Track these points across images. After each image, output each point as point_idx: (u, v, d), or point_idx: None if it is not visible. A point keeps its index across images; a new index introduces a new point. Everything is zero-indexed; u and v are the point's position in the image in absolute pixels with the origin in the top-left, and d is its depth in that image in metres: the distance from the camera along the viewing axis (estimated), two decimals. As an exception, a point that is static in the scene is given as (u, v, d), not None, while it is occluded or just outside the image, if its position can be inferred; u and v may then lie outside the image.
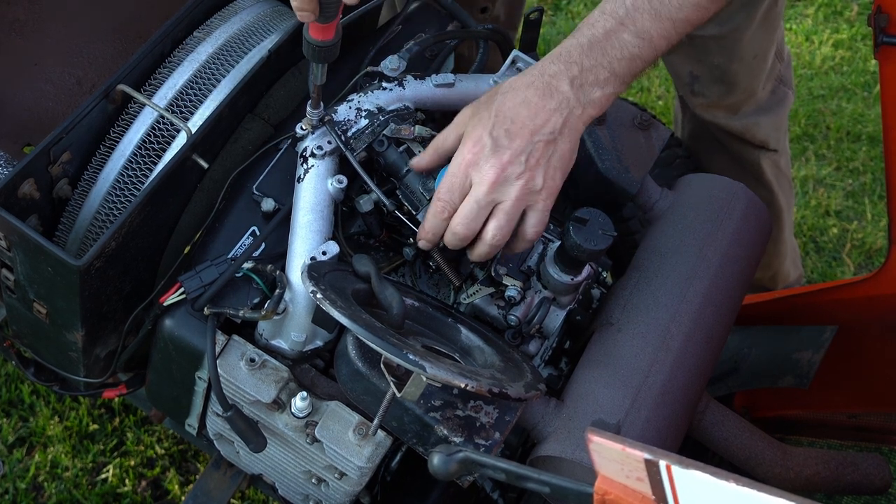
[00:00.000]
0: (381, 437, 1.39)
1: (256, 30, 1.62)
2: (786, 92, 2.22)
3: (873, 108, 3.12)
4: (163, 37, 1.55)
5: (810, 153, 3.05)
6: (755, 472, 1.64)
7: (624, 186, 1.59)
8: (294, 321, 1.41)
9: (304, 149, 1.45)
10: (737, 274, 1.55)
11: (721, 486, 0.77)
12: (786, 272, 2.49)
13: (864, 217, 2.93)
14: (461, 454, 1.06)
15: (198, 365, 1.45)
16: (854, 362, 1.87)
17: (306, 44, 1.30)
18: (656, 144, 1.64)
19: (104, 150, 1.52)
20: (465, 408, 1.33)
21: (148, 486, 2.33)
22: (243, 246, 1.45)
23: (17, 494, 2.28)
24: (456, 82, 1.55)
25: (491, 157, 1.29)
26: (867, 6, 3.36)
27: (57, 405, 2.40)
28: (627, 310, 1.48)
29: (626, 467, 0.85)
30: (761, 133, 2.20)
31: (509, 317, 1.47)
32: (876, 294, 1.75)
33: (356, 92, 1.51)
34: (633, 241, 1.76)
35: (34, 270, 1.41)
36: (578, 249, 1.38)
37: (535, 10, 1.67)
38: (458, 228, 1.33)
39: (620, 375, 1.41)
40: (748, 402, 2.07)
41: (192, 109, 1.53)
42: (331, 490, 1.49)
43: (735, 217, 1.58)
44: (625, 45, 1.31)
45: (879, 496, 1.74)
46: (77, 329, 1.46)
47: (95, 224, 1.50)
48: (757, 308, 1.98)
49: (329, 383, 1.46)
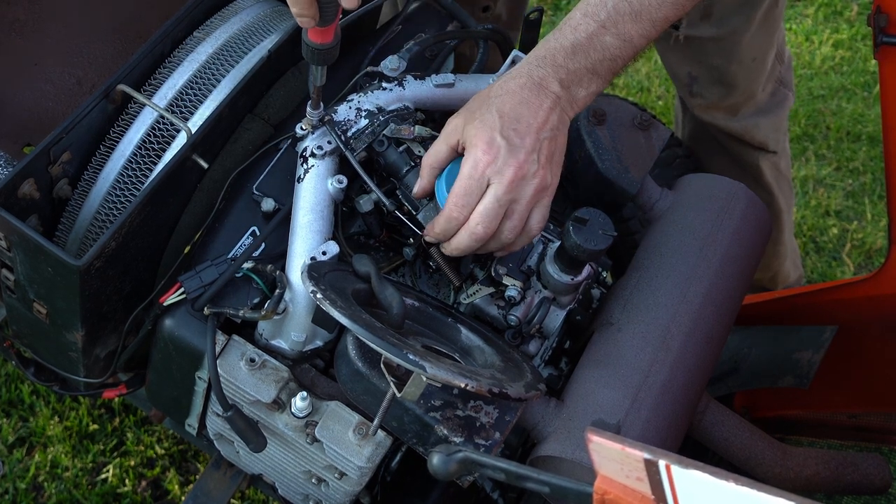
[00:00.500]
0: (381, 437, 1.39)
1: (256, 30, 1.62)
2: (786, 94, 2.22)
3: (873, 108, 3.12)
4: (163, 37, 1.56)
5: (810, 153, 3.05)
6: (755, 472, 1.64)
7: (624, 186, 1.59)
8: (294, 321, 1.41)
9: (304, 149, 1.45)
10: (737, 274, 1.56)
11: (721, 486, 0.77)
12: (786, 273, 2.49)
13: (864, 217, 2.93)
14: (461, 454, 1.06)
15: (198, 365, 1.46)
16: (854, 362, 1.87)
17: (305, 47, 1.31)
18: (656, 144, 1.64)
19: (104, 150, 1.52)
20: (465, 408, 1.33)
21: (148, 486, 2.33)
22: (243, 246, 1.45)
23: (17, 494, 2.28)
24: (456, 82, 1.55)
25: (509, 157, 1.30)
26: (867, 6, 3.36)
27: (57, 405, 2.40)
28: (627, 310, 1.48)
29: (625, 467, 0.85)
30: (761, 135, 2.20)
31: (509, 317, 1.47)
32: (876, 294, 1.76)
33: (356, 92, 1.51)
34: (633, 241, 1.76)
35: (34, 270, 1.41)
36: (578, 249, 1.38)
37: (535, 10, 1.67)
38: (479, 229, 1.33)
39: (620, 375, 1.41)
40: (748, 402, 2.07)
41: (192, 109, 1.53)
42: (331, 490, 1.49)
43: (735, 217, 1.58)
44: (606, 48, 1.34)
45: (879, 496, 1.74)
46: (77, 329, 1.46)
47: (95, 224, 1.50)
48: (757, 308, 1.98)
49: (329, 383, 1.46)
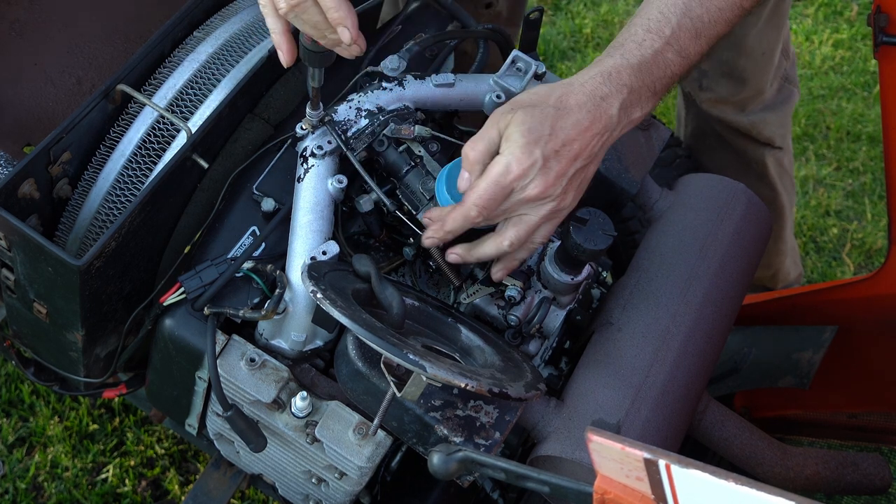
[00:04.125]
0: (381, 437, 1.39)
1: (256, 30, 1.62)
2: (791, 90, 2.24)
3: (873, 108, 3.12)
4: (163, 37, 1.55)
5: (810, 153, 3.05)
6: (755, 472, 1.64)
7: (624, 186, 1.59)
8: (294, 321, 1.41)
9: (304, 149, 1.45)
10: (737, 274, 1.56)
11: (721, 485, 0.77)
12: (786, 271, 2.50)
13: (864, 217, 2.93)
14: (461, 454, 1.06)
15: (198, 365, 1.46)
16: (854, 362, 1.87)
17: (303, 49, 1.31)
18: (656, 144, 1.64)
19: (104, 150, 1.52)
20: (465, 407, 1.33)
21: (148, 486, 2.33)
22: (243, 246, 1.45)
23: (17, 494, 2.28)
24: (456, 82, 1.55)
25: (538, 177, 1.27)
26: (867, 6, 3.36)
27: (57, 405, 2.40)
28: (627, 310, 1.48)
29: (625, 467, 0.85)
30: (768, 130, 2.21)
31: (509, 317, 1.47)
32: (876, 294, 1.76)
33: (356, 92, 1.51)
34: (633, 241, 1.76)
35: (34, 270, 1.41)
36: (578, 249, 1.38)
37: (535, 9, 1.67)
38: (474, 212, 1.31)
39: (620, 375, 1.41)
40: (748, 402, 2.07)
41: (192, 109, 1.53)
42: (331, 490, 1.49)
43: (735, 217, 1.58)
44: (668, 65, 1.31)
45: (879, 496, 1.74)
46: (77, 329, 1.46)
47: (95, 224, 1.50)
48: (757, 308, 1.98)
49: (329, 383, 1.46)
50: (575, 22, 3.34)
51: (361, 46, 1.28)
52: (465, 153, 1.32)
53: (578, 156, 1.29)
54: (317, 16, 1.24)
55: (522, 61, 1.57)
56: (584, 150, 1.29)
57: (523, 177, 1.27)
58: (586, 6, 3.39)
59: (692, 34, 1.31)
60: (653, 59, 1.30)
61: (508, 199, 1.29)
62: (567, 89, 1.30)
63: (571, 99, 1.29)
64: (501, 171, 1.27)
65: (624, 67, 1.30)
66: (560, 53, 3.26)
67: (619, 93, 1.29)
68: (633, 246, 1.72)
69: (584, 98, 1.28)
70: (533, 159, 1.26)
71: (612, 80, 1.29)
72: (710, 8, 1.31)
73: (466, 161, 1.32)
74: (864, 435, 1.99)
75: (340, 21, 1.24)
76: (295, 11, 1.25)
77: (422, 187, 1.44)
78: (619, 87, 1.29)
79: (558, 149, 1.27)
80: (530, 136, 1.26)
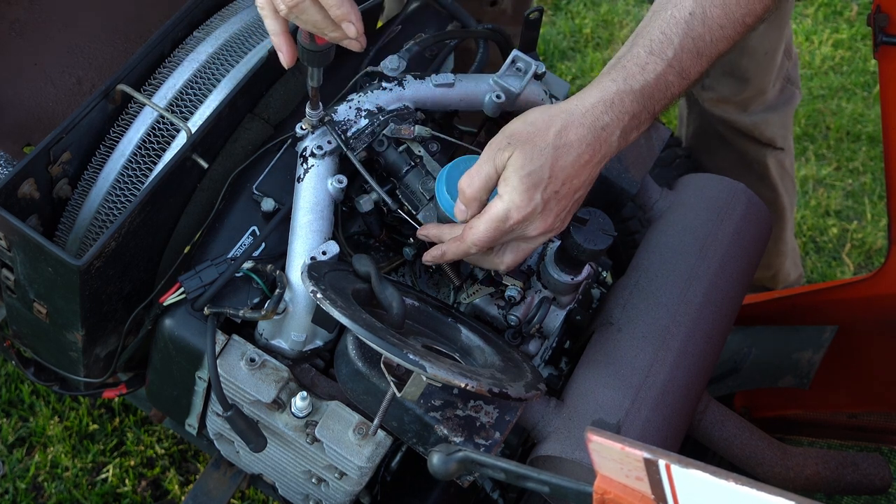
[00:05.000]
0: (381, 437, 1.39)
1: (256, 30, 1.62)
2: (793, 91, 2.24)
3: (873, 108, 3.12)
4: (163, 37, 1.56)
5: (810, 153, 3.05)
6: (755, 472, 1.64)
7: (624, 186, 1.59)
8: (294, 321, 1.41)
9: (304, 148, 1.45)
10: (737, 274, 1.56)
11: (721, 485, 0.77)
12: (786, 272, 2.50)
13: (864, 217, 2.93)
14: (461, 454, 1.06)
15: (198, 365, 1.46)
16: (854, 362, 1.87)
17: (301, 48, 1.31)
18: (656, 144, 1.64)
19: (104, 150, 1.52)
20: (465, 407, 1.33)
21: (148, 486, 2.33)
22: (243, 246, 1.45)
23: (17, 494, 2.28)
24: (456, 82, 1.55)
25: (538, 220, 1.27)
26: (867, 6, 3.36)
27: (57, 405, 2.40)
28: (627, 310, 1.48)
29: (625, 467, 0.85)
30: (769, 131, 2.22)
31: (509, 317, 1.47)
32: (876, 294, 1.76)
33: (356, 92, 1.51)
34: (633, 241, 1.76)
35: (34, 270, 1.41)
36: (578, 249, 1.38)
37: (534, 9, 1.67)
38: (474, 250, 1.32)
39: (620, 375, 1.41)
40: (748, 402, 2.07)
41: (192, 109, 1.53)
42: (331, 490, 1.49)
43: (735, 217, 1.58)
44: (669, 87, 1.29)
45: (879, 496, 1.74)
46: (77, 329, 1.46)
47: (95, 224, 1.50)
48: (757, 308, 1.98)
49: (329, 383, 1.46)
50: (575, 22, 3.34)
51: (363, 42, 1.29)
52: (462, 188, 1.30)
53: (579, 188, 1.28)
54: (317, 14, 1.25)
55: (522, 61, 1.57)
56: (584, 182, 1.28)
57: (524, 221, 1.27)
58: (586, 6, 3.39)
59: (694, 55, 1.28)
60: (655, 83, 1.28)
61: (507, 235, 1.30)
62: (567, 120, 1.26)
63: (572, 133, 1.25)
64: (501, 216, 1.26)
65: (626, 93, 1.27)
66: (560, 53, 3.26)
67: (620, 120, 1.26)
68: (633, 246, 1.72)
69: (585, 131, 1.25)
70: (533, 205, 1.25)
71: (613, 108, 1.26)
72: (711, 27, 1.28)
73: (463, 196, 1.31)
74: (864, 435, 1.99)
75: (344, 17, 1.24)
76: (295, 12, 1.25)
77: (422, 187, 1.44)
78: (620, 115, 1.26)
79: (558, 189, 1.26)
80: (529, 182, 1.24)
